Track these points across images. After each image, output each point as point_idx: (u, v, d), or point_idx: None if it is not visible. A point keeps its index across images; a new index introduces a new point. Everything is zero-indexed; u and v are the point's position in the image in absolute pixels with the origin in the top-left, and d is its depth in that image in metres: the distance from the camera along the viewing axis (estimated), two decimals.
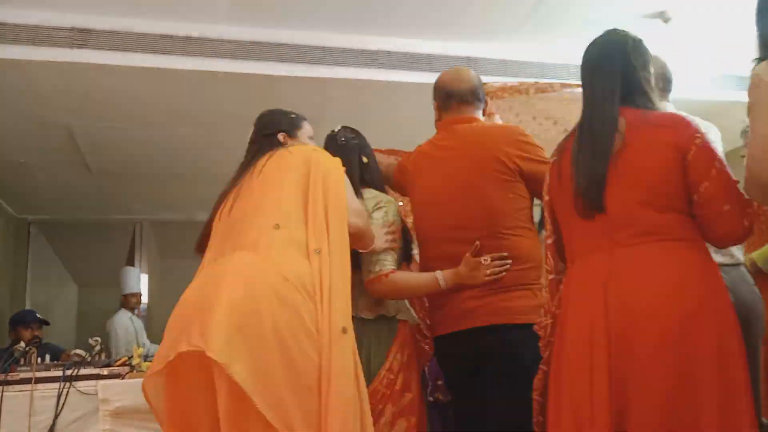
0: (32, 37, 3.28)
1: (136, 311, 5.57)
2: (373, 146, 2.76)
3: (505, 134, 2.16)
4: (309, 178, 1.76)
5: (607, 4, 3.54)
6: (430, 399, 2.70)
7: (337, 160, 1.89)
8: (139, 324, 5.46)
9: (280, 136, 2.13)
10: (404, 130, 4.61)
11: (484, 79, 3.85)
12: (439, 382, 2.69)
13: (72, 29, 3.32)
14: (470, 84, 2.26)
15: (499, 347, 1.97)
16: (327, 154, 1.94)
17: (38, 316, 4.78)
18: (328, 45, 3.66)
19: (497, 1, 3.46)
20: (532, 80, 2.94)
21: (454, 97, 2.23)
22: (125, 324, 5.32)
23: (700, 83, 4.29)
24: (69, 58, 3.34)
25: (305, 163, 1.81)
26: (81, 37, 3.33)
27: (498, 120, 2.51)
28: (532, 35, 3.79)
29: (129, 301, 5.51)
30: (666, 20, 3.64)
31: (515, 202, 2.05)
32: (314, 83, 3.77)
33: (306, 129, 2.22)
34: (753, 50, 1.60)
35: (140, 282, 5.75)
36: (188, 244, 7.66)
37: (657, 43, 4.02)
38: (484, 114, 2.31)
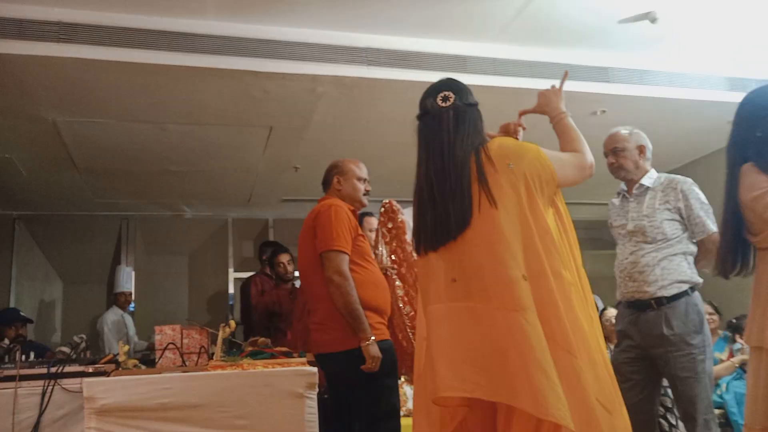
0: (18, 31, 3.24)
1: (126, 308, 5.68)
2: (362, 143, 2.81)
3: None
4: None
5: (594, 4, 3.55)
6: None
7: None
8: (129, 320, 5.49)
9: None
10: (392, 127, 4.62)
11: (473, 77, 3.90)
12: None
13: (58, 23, 3.29)
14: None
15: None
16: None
17: (21, 314, 4.76)
18: (317, 41, 3.65)
19: (486, 0, 3.47)
20: None
21: None
22: (116, 321, 5.40)
23: (687, 83, 4.33)
24: (55, 52, 3.30)
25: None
26: (67, 32, 3.30)
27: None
28: (521, 34, 3.80)
29: (120, 300, 5.64)
30: (653, 20, 3.66)
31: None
32: (302, 80, 3.76)
33: None
34: (739, 50, 1.63)
35: (131, 281, 5.92)
36: (175, 240, 7.65)
37: (644, 44, 4.07)
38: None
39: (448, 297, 1.73)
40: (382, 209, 3.19)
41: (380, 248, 3.14)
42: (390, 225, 3.15)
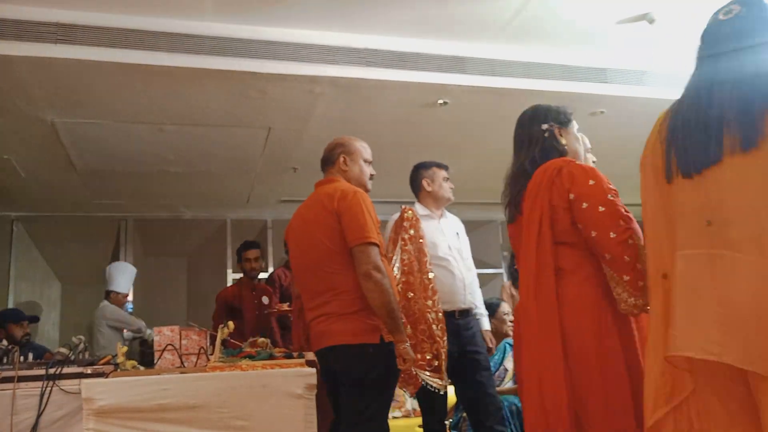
0: (16, 33, 3.24)
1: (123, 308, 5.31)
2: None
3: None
4: None
5: (592, 5, 3.56)
6: None
7: None
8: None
9: None
10: (391, 128, 4.62)
11: (471, 78, 3.90)
12: None
13: (56, 24, 3.29)
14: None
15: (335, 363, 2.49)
16: None
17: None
18: (315, 42, 3.65)
19: (484, 0, 3.47)
20: None
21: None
22: (115, 315, 5.07)
23: (685, 83, 4.32)
24: (53, 53, 3.30)
25: None
26: (65, 33, 3.30)
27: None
28: (519, 34, 3.81)
29: (117, 299, 5.19)
30: (651, 21, 3.67)
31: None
32: (301, 80, 3.76)
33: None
34: None
35: (131, 282, 5.41)
36: (173, 241, 7.61)
37: (642, 44, 4.08)
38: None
39: (703, 243, 1.44)
40: (405, 215, 3.03)
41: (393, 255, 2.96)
42: (412, 232, 3.00)
